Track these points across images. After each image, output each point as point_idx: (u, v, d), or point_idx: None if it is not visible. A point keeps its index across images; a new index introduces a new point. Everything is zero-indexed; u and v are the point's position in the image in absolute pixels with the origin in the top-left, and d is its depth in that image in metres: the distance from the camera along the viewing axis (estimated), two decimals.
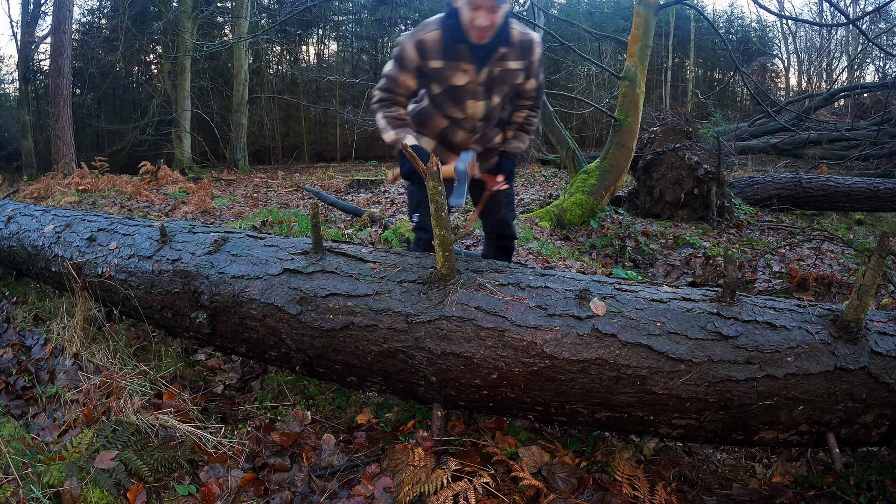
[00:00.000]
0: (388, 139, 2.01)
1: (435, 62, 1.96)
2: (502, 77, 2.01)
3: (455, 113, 2.07)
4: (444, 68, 1.97)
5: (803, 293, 3.39)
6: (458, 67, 1.97)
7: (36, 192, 7.78)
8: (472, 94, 2.02)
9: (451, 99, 2.04)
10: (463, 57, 1.95)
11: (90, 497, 1.52)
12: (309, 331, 1.84)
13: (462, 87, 2.00)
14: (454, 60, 1.96)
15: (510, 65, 2.00)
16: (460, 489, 1.57)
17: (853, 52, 18.68)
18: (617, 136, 5.62)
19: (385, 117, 2.04)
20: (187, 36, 12.77)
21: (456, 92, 2.02)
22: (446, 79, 1.99)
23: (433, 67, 1.98)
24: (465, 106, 2.04)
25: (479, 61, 1.95)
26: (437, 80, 2.01)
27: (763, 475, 1.77)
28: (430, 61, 1.97)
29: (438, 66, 1.97)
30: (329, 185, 9.57)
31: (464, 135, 2.12)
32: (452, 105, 2.05)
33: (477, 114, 2.06)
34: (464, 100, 2.03)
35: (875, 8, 10.96)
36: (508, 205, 2.40)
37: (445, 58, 1.96)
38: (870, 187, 6.74)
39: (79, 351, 2.42)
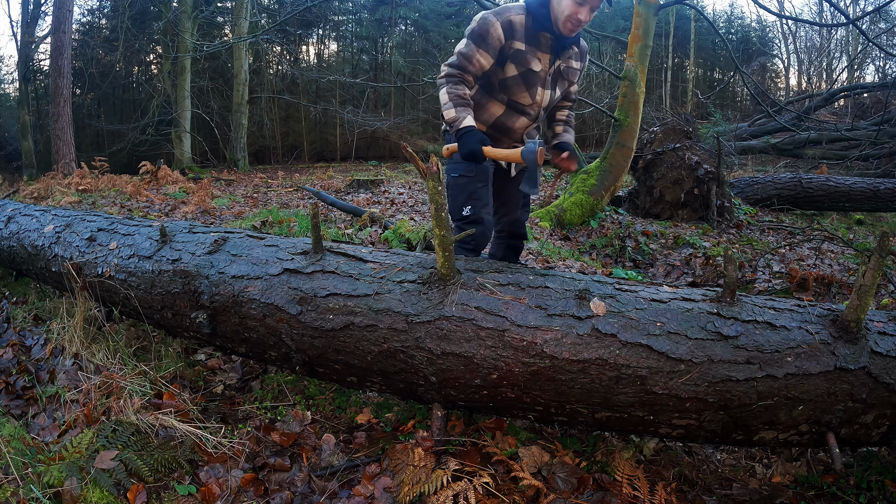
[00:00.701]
0: (448, 116, 2.01)
1: (519, 44, 2.01)
2: (566, 73, 2.14)
3: (523, 98, 2.11)
4: (525, 52, 2.03)
5: (803, 293, 3.39)
6: (535, 54, 2.04)
7: (36, 192, 7.78)
8: (542, 81, 2.10)
9: (525, 83, 2.08)
10: (542, 46, 2.04)
11: (90, 497, 1.52)
12: (309, 331, 1.84)
13: (537, 73, 2.07)
14: (534, 46, 2.03)
15: (573, 64, 2.15)
16: (460, 489, 1.57)
17: (853, 52, 18.68)
18: (617, 136, 5.62)
19: (449, 93, 2.01)
20: (187, 36, 12.78)
21: (531, 77, 2.07)
22: (527, 62, 2.04)
23: (517, 49, 2.02)
24: (536, 92, 2.10)
25: (555, 53, 2.06)
26: (516, 61, 2.04)
27: (763, 475, 1.77)
28: (515, 42, 2.01)
29: (522, 48, 2.02)
30: (329, 185, 9.58)
31: (525, 121, 2.16)
32: (523, 90, 2.09)
33: (543, 102, 2.13)
34: (536, 86, 2.09)
35: (875, 8, 10.96)
36: (525, 206, 2.44)
37: (528, 42, 2.02)
38: (870, 187, 6.74)
39: (79, 351, 2.42)
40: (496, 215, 2.39)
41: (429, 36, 19.24)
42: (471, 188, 2.14)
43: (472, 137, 1.95)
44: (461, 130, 1.97)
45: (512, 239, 2.46)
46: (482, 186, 2.16)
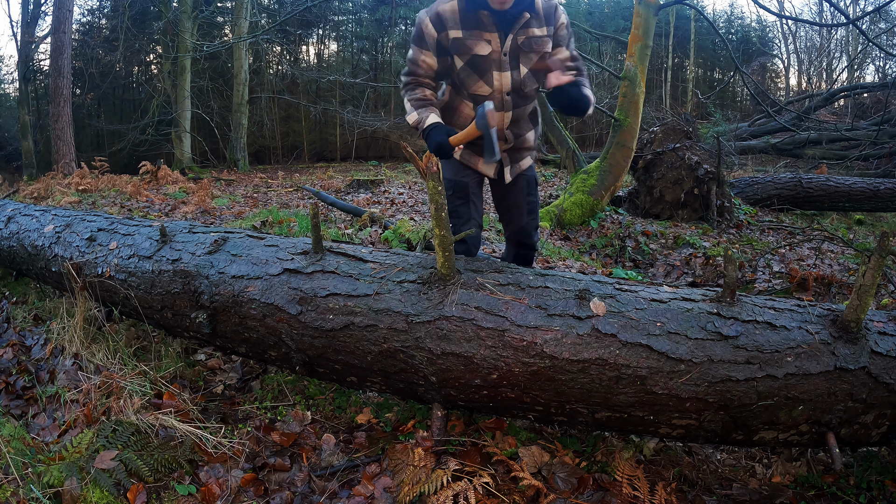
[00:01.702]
0: (412, 121, 1.95)
1: (454, 32, 1.88)
2: (528, 45, 1.91)
3: (480, 89, 1.96)
4: (464, 38, 1.88)
5: (803, 293, 3.39)
6: (480, 37, 1.88)
7: (36, 192, 7.78)
8: (497, 64, 1.92)
9: (476, 72, 1.93)
10: (485, 25, 1.87)
11: (90, 497, 1.52)
12: (309, 331, 1.84)
13: (486, 57, 1.90)
14: (475, 29, 1.88)
15: (535, 31, 1.91)
16: (460, 489, 1.57)
17: (853, 52, 18.68)
18: (617, 136, 5.62)
19: (409, 100, 1.97)
20: (187, 36, 12.77)
21: (480, 63, 1.91)
22: (468, 49, 1.89)
23: (453, 38, 1.89)
24: (491, 78, 1.93)
25: (503, 28, 1.88)
26: (458, 51, 1.91)
27: (763, 475, 1.77)
28: (450, 31, 1.89)
29: (458, 35, 1.88)
30: (329, 185, 9.58)
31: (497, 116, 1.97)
32: (477, 79, 1.94)
33: (504, 86, 1.94)
34: (489, 71, 1.92)
35: (875, 8, 10.96)
36: (531, 213, 2.28)
37: (465, 27, 1.88)
38: (870, 187, 6.74)
39: (79, 351, 2.42)
40: (503, 223, 2.36)
41: None
42: (450, 206, 2.05)
43: (436, 133, 1.87)
44: (425, 130, 1.90)
45: (520, 248, 2.35)
46: (461, 204, 2.09)
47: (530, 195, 2.26)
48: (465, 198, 2.10)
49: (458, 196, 2.10)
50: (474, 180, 2.13)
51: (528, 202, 2.26)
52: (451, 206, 2.06)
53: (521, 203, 2.26)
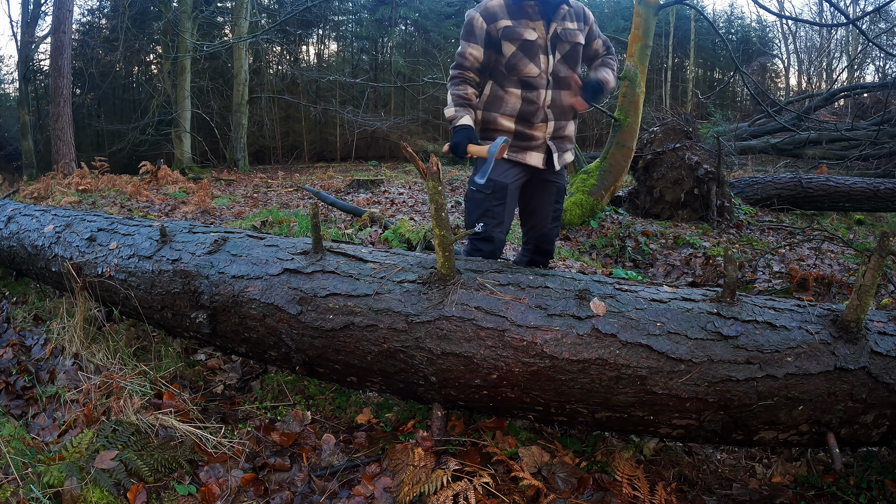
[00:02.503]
0: (448, 114, 2.10)
1: (504, 21, 2.05)
2: (564, 35, 2.10)
3: (530, 70, 2.09)
4: (514, 26, 2.05)
5: (803, 293, 3.39)
6: (527, 25, 2.06)
7: (36, 192, 7.78)
8: (543, 48, 2.09)
9: (527, 55, 2.08)
10: (530, 14, 2.06)
11: (90, 497, 1.52)
12: (309, 331, 1.83)
13: (534, 42, 2.07)
14: (522, 18, 2.06)
15: (569, 25, 2.12)
16: (460, 489, 1.57)
17: (853, 52, 18.68)
18: (617, 136, 5.62)
19: (452, 94, 2.11)
20: (187, 36, 12.77)
21: (530, 47, 2.07)
22: (519, 35, 2.06)
23: (503, 27, 2.05)
24: (539, 61, 2.09)
25: (546, 17, 2.07)
26: (509, 38, 2.06)
27: (763, 475, 1.77)
28: (500, 21, 2.05)
29: (508, 24, 2.05)
30: (329, 185, 9.58)
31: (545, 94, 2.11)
32: (527, 62, 2.08)
33: (549, 68, 2.11)
34: (538, 54, 2.08)
35: (875, 8, 10.96)
36: (555, 220, 2.37)
37: (513, 17, 2.06)
38: (870, 187, 6.74)
39: (79, 351, 2.42)
40: (525, 227, 2.42)
41: (429, 36, 19.24)
42: (486, 205, 2.16)
43: (461, 134, 2.03)
44: (456, 128, 2.05)
45: (536, 255, 2.43)
46: (498, 204, 2.17)
47: (558, 202, 2.36)
48: (503, 199, 2.18)
49: (496, 197, 2.17)
50: (515, 184, 2.20)
51: (555, 209, 2.36)
52: (488, 206, 2.17)
53: (548, 209, 2.35)
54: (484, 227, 2.13)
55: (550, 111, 2.15)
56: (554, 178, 2.29)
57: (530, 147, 2.17)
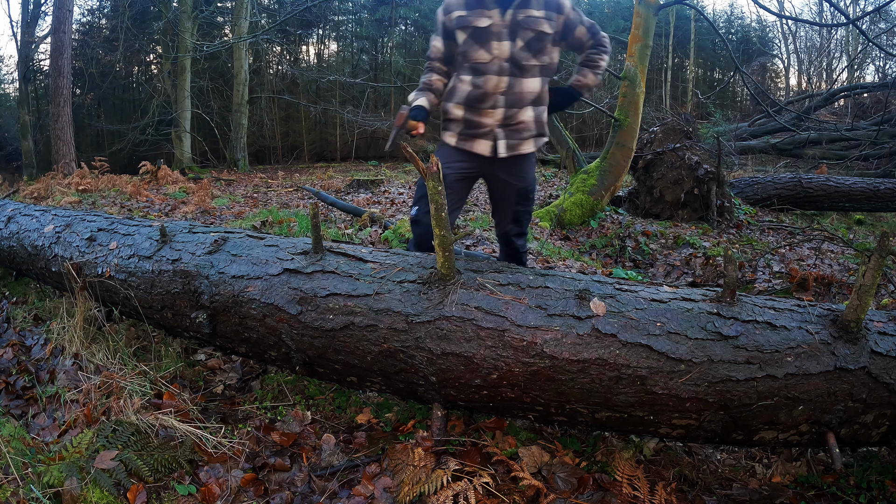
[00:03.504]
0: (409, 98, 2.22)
1: (458, 12, 2.14)
2: (526, 23, 2.10)
3: (480, 56, 2.13)
4: (467, 15, 2.12)
5: (803, 293, 3.39)
6: (481, 14, 2.11)
7: (36, 192, 7.78)
8: (496, 35, 2.11)
9: (477, 42, 2.13)
10: (486, 4, 2.10)
11: (90, 497, 1.52)
12: (309, 331, 1.83)
13: (486, 28, 2.11)
14: (477, 8, 2.12)
15: (533, 13, 2.11)
16: (460, 489, 1.57)
17: (853, 52, 18.68)
18: (617, 136, 5.62)
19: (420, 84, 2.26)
20: (187, 36, 12.77)
21: (481, 33, 2.12)
22: (470, 22, 2.12)
23: (458, 16, 2.13)
24: (491, 47, 2.11)
25: (503, 5, 2.09)
26: (461, 26, 2.13)
27: (763, 475, 1.77)
28: (454, 13, 2.14)
29: (462, 13, 2.13)
30: (329, 185, 9.57)
31: (495, 80, 2.13)
32: (477, 48, 2.13)
33: (503, 54, 2.11)
34: (489, 41, 2.12)
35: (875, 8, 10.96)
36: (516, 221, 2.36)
37: (468, 8, 2.13)
38: (870, 187, 6.73)
39: (79, 351, 2.42)
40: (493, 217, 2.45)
41: (429, 36, 19.22)
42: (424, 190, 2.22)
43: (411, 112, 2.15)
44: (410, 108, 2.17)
45: (505, 246, 2.46)
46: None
47: (519, 205, 2.32)
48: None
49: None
50: (457, 175, 2.24)
51: (515, 211, 2.34)
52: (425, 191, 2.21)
53: (506, 209, 2.35)
54: (416, 211, 2.26)
55: (503, 98, 2.15)
56: (514, 179, 2.26)
57: (477, 135, 2.19)
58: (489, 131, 2.17)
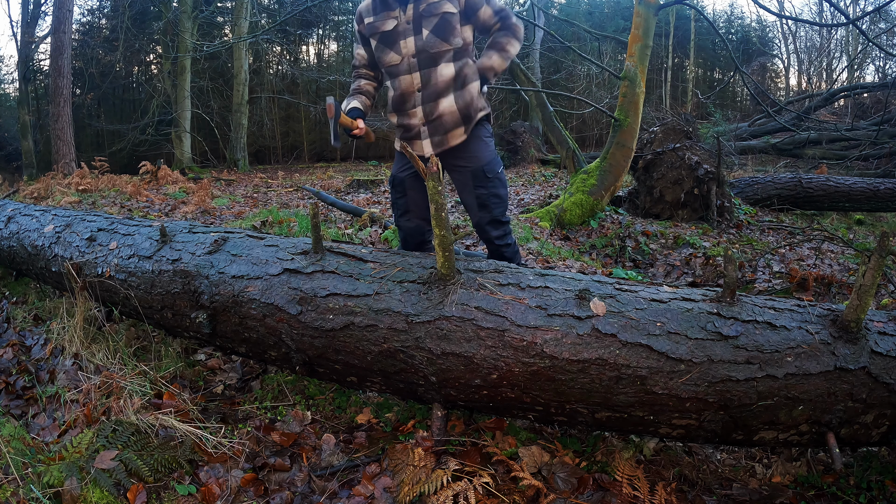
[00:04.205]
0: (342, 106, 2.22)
1: (368, 19, 2.18)
2: (428, 10, 2.09)
3: (391, 59, 2.16)
4: (374, 21, 2.16)
5: (803, 293, 3.39)
6: (387, 17, 2.14)
7: (36, 192, 7.77)
8: (402, 34, 2.12)
9: (386, 45, 2.15)
10: (389, 6, 2.13)
11: (90, 497, 1.52)
12: (309, 331, 1.83)
13: (392, 31, 2.13)
14: (383, 12, 2.14)
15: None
16: (460, 489, 1.57)
17: (853, 52, 18.68)
18: (617, 136, 5.62)
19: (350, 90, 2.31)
20: (187, 36, 12.77)
21: (388, 36, 2.14)
22: (378, 28, 2.16)
23: (368, 23, 2.18)
24: (398, 47, 2.14)
25: (402, 2, 2.10)
26: (372, 33, 2.17)
27: (763, 475, 1.77)
28: (365, 20, 2.18)
29: (371, 20, 2.17)
30: (329, 185, 9.57)
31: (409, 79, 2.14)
32: (387, 52, 2.16)
33: (409, 50, 2.13)
34: (396, 41, 2.14)
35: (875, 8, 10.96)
36: (482, 207, 2.24)
37: (375, 13, 2.16)
38: (870, 187, 6.73)
39: (79, 351, 2.42)
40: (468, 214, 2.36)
41: None
42: (392, 196, 2.36)
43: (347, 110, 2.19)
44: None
45: (484, 241, 2.38)
46: (399, 196, 2.32)
47: (479, 188, 2.22)
48: (402, 191, 2.30)
49: (397, 190, 2.32)
50: (409, 174, 2.26)
51: (477, 195, 2.23)
52: (393, 197, 2.36)
53: (469, 197, 2.26)
54: (394, 216, 2.38)
55: (420, 95, 2.14)
56: (465, 162, 2.19)
57: (411, 136, 2.21)
58: (417, 131, 2.19)
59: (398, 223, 2.39)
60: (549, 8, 19.18)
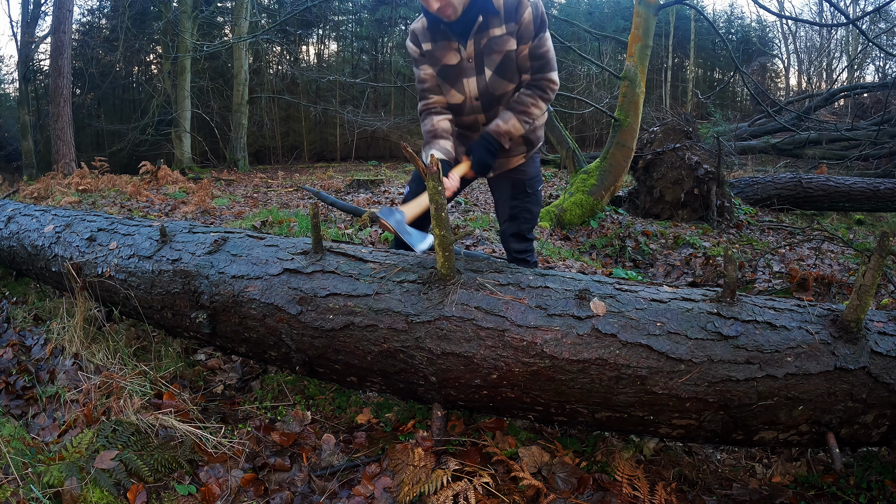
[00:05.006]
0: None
1: (426, 45, 1.98)
2: (489, 47, 1.89)
3: (454, 98, 2.00)
4: (434, 49, 1.97)
5: (803, 293, 3.39)
6: (448, 47, 1.94)
7: (36, 192, 7.78)
8: (465, 71, 1.95)
9: (447, 81, 1.99)
10: (448, 36, 1.92)
11: (90, 497, 1.52)
12: (309, 331, 1.83)
13: (454, 66, 1.95)
14: (443, 40, 1.95)
15: (494, 32, 1.88)
16: (460, 489, 1.57)
17: (853, 52, 18.68)
18: (617, 136, 5.62)
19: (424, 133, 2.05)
20: (187, 36, 12.77)
21: (449, 72, 1.97)
22: (438, 59, 1.98)
23: (426, 50, 1.99)
24: (462, 87, 1.97)
25: (461, 35, 1.90)
26: (432, 62, 1.99)
27: (763, 475, 1.77)
28: (423, 45, 1.99)
29: (429, 48, 1.98)
30: (329, 185, 9.57)
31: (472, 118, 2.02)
32: (449, 88, 2.00)
33: (472, 92, 1.98)
34: (459, 79, 1.97)
35: (875, 8, 10.96)
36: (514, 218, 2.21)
37: (434, 39, 1.96)
38: (870, 187, 6.74)
39: (79, 351, 2.42)
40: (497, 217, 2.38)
41: None
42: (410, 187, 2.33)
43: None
44: None
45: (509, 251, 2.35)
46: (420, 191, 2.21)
47: (514, 199, 2.19)
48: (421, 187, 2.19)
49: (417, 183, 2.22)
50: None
51: (512, 206, 2.20)
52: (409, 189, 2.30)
53: (503, 205, 2.23)
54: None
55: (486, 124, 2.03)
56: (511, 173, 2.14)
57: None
58: None
59: None
60: (550, 8, 19.19)
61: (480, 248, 4.09)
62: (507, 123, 1.94)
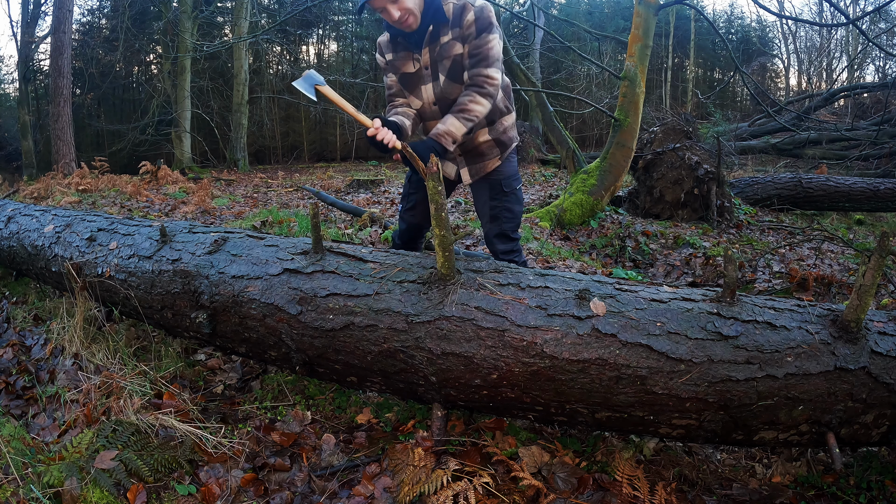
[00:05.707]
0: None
1: (389, 55, 2.12)
2: (441, 54, 1.99)
3: (414, 102, 2.14)
4: (395, 59, 2.10)
5: (803, 293, 3.39)
6: (407, 57, 2.07)
7: (36, 192, 7.78)
8: (422, 79, 2.07)
9: (407, 88, 2.12)
10: (407, 46, 2.05)
11: (90, 497, 1.52)
12: (309, 331, 1.83)
13: (413, 74, 2.08)
14: (402, 51, 2.07)
15: (444, 39, 1.96)
16: (460, 489, 1.57)
17: (853, 52, 18.69)
18: (617, 136, 5.62)
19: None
20: (187, 36, 12.77)
21: (409, 79, 2.10)
22: (398, 68, 2.10)
23: (389, 60, 2.12)
24: (420, 92, 2.09)
25: (416, 45, 2.02)
26: (394, 71, 2.13)
27: (763, 475, 1.77)
28: (387, 55, 2.12)
29: (391, 58, 2.11)
30: (329, 185, 9.57)
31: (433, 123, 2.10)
32: (410, 94, 2.13)
33: (429, 97, 2.09)
34: (417, 85, 2.09)
35: (875, 8, 10.96)
36: (494, 219, 2.23)
37: (395, 50, 2.10)
38: (870, 187, 6.73)
39: (79, 351, 2.42)
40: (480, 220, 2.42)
41: None
42: (406, 189, 2.40)
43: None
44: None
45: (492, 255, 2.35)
46: (412, 192, 2.35)
47: (493, 199, 2.21)
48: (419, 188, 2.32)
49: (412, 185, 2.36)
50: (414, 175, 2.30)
51: (491, 207, 2.21)
52: (406, 190, 2.39)
53: (483, 207, 2.26)
54: (401, 207, 2.40)
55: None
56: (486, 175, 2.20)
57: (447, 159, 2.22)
58: (452, 157, 2.19)
59: (402, 216, 2.39)
60: (549, 8, 19.19)
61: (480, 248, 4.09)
62: (445, 125, 1.95)
